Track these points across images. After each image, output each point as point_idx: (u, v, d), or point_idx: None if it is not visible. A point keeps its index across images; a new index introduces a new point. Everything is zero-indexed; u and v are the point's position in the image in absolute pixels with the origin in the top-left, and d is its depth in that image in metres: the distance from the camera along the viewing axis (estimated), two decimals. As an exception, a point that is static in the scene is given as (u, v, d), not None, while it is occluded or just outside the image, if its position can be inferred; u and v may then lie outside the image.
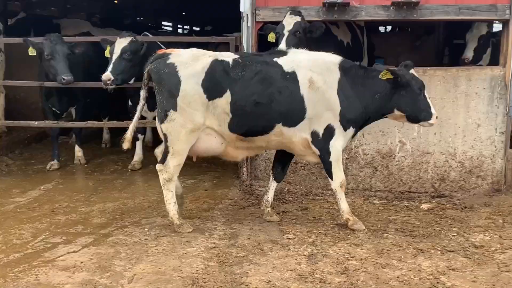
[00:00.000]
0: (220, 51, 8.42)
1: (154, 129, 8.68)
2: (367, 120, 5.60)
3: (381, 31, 14.34)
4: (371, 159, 6.92)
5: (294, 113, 5.30)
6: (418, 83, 5.46)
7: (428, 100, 5.50)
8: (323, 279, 4.37)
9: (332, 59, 5.51)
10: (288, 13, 6.48)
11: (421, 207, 6.25)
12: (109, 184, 7.28)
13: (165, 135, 5.37)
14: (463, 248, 5.01)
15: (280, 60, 5.39)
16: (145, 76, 5.50)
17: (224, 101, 5.23)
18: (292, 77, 5.30)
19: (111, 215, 5.97)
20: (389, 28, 14.58)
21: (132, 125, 5.64)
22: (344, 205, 5.55)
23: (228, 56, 5.42)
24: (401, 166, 6.88)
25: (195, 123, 5.24)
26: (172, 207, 5.44)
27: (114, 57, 7.01)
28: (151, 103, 7.79)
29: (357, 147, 6.91)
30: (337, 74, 5.40)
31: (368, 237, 5.28)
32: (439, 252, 4.91)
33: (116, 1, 14.57)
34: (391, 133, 6.85)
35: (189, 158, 5.54)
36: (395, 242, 5.16)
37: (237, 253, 4.88)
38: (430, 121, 5.51)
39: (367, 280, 4.35)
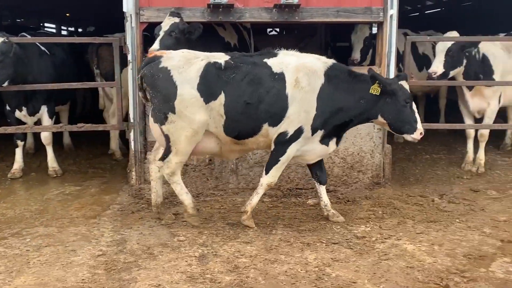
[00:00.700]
0: (102, 52, 8.23)
1: (36, 135, 8.32)
2: (349, 122, 5.63)
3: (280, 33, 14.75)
4: (260, 158, 7.04)
5: (278, 112, 5.35)
6: (405, 95, 5.49)
7: (416, 115, 5.54)
8: (213, 278, 4.38)
9: (319, 64, 5.53)
10: (168, 14, 6.45)
11: (307, 202, 6.46)
12: (-15, 194, 6.81)
13: (166, 136, 5.42)
14: (346, 239, 5.24)
15: (270, 61, 5.46)
16: (139, 80, 5.49)
17: (218, 103, 5.30)
18: (280, 77, 5.37)
19: (-12, 228, 5.59)
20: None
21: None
22: (255, 200, 5.62)
23: (220, 58, 5.44)
24: (289, 164, 7.01)
25: (195, 125, 5.31)
26: (186, 197, 5.55)
27: (-17, 58, 6.58)
28: (30, 108, 7.44)
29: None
30: (320, 80, 5.45)
31: (258, 235, 5.37)
32: (324, 244, 5.11)
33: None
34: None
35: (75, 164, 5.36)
36: (283, 237, 5.29)
37: (126, 259, 4.76)
38: (412, 135, 5.55)
39: (257, 276, 4.43)
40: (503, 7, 15.76)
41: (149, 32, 6.95)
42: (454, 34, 7.42)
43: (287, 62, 5.47)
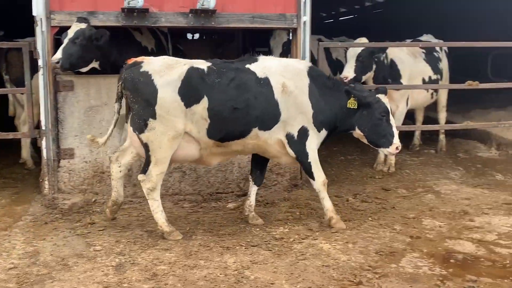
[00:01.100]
0: (11, 57, 7.87)
1: None
2: (336, 128, 5.77)
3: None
4: (180, 164, 7.00)
5: (270, 117, 5.43)
6: (381, 108, 5.60)
7: (393, 129, 5.66)
8: (131, 287, 4.32)
9: (300, 66, 5.70)
10: (75, 20, 6.31)
11: (227, 206, 6.51)
12: None
13: (145, 144, 5.30)
14: (265, 241, 5.33)
15: (252, 67, 5.51)
16: (118, 87, 5.37)
17: (202, 107, 5.28)
18: (265, 82, 5.44)
19: None
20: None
21: (106, 137, 5.57)
22: (328, 203, 5.68)
23: (202, 64, 5.44)
24: (208, 168, 7.07)
25: (176, 129, 5.26)
26: (160, 216, 5.41)
27: None
28: None
29: (164, 152, 6.93)
30: (306, 80, 5.59)
31: (177, 241, 5.34)
32: (243, 247, 5.16)
33: None
34: (196, 137, 7.00)
35: None
36: (203, 242, 5.30)
37: (39, 272, 4.60)
38: (388, 150, 5.69)
39: (175, 283, 4.41)
40: (410, 15, 16.64)
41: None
42: (363, 40, 7.74)
43: (269, 66, 5.57)
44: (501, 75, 11.78)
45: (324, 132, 5.71)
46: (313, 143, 5.62)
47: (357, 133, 5.80)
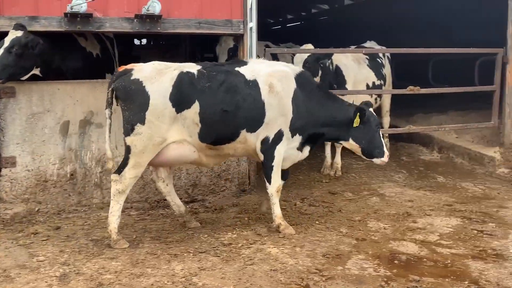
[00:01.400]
0: None
1: None
2: (321, 135, 5.90)
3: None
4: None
5: (256, 118, 5.52)
6: (376, 121, 5.86)
7: (382, 139, 5.89)
8: (75, 298, 4.23)
9: (288, 70, 5.80)
10: (12, 27, 6.15)
11: (175, 213, 6.44)
12: None
13: (128, 147, 5.32)
14: (213, 247, 5.31)
15: (242, 69, 5.61)
16: (109, 94, 5.39)
17: (193, 112, 5.35)
18: (254, 84, 5.54)
19: None
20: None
21: (108, 144, 5.50)
22: (277, 210, 5.76)
23: (192, 67, 5.50)
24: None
25: (162, 136, 5.32)
26: (114, 220, 5.33)
27: None
28: None
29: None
30: (293, 84, 5.69)
31: (124, 249, 5.26)
32: (191, 254, 5.13)
33: None
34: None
35: None
36: (150, 250, 5.24)
37: (-22, 285, 4.43)
38: (382, 159, 5.90)
39: (122, 292, 4.34)
40: (354, 22, 17.03)
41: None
42: (309, 46, 7.87)
43: (259, 69, 5.66)
44: (441, 81, 12.23)
45: (297, 138, 5.77)
46: (282, 148, 5.69)
47: (351, 144, 5.94)
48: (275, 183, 5.74)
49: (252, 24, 7.03)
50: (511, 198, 7.17)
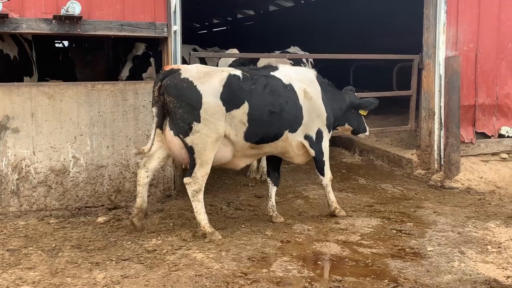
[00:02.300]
0: None
1: None
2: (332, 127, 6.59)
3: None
4: (45, 178, 6.64)
5: (296, 120, 6.00)
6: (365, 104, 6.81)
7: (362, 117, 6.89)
8: (-11, 312, 4.01)
9: (311, 74, 6.40)
10: None
11: (97, 220, 6.27)
12: None
13: (190, 147, 5.52)
14: (137, 254, 5.20)
15: (277, 74, 6.03)
16: (156, 92, 5.50)
17: (242, 112, 5.63)
18: (291, 88, 6.00)
19: None
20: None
21: (150, 142, 5.62)
22: (332, 196, 6.49)
23: (236, 71, 5.81)
24: (77, 181, 6.78)
25: (218, 132, 5.55)
26: (203, 217, 5.65)
27: None
28: None
29: (28, 166, 6.54)
30: (318, 86, 6.30)
31: (42, 259, 5.06)
32: (114, 262, 5.00)
33: None
34: (63, 149, 6.69)
35: None
36: (70, 259, 5.06)
37: None
38: (366, 133, 7.01)
39: (39, 304, 4.16)
40: (279, 28, 17.29)
41: None
42: (234, 51, 7.91)
43: (289, 74, 6.14)
44: (362, 86, 12.63)
45: (329, 133, 6.45)
46: (326, 143, 6.37)
47: (345, 127, 6.89)
48: (328, 174, 6.43)
49: (176, 27, 6.97)
50: (428, 198, 7.52)
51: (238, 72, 5.80)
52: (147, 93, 7.00)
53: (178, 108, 5.49)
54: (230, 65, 7.72)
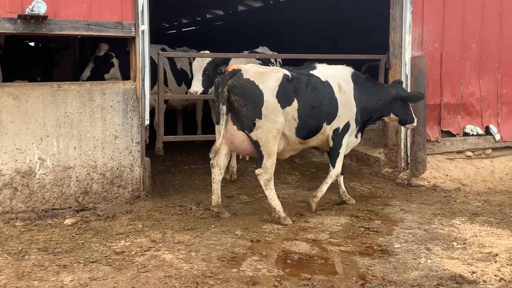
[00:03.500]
0: None
1: None
2: (370, 119, 7.15)
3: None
4: (10, 179, 6.51)
5: (332, 113, 6.54)
6: (410, 97, 7.23)
7: (411, 109, 7.26)
8: (-48, 318, 3.92)
9: (345, 71, 6.92)
10: None
11: (64, 223, 6.18)
12: None
13: (256, 142, 6.11)
14: (105, 256, 5.16)
15: (315, 72, 6.62)
16: (225, 92, 5.99)
17: (293, 108, 6.24)
18: (328, 85, 6.55)
19: None
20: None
21: (221, 138, 6.18)
22: (325, 188, 6.78)
23: (286, 71, 6.36)
24: (43, 183, 6.66)
25: (277, 127, 6.12)
26: (277, 203, 6.27)
27: None
28: None
29: (-8, 168, 6.41)
30: (351, 83, 6.80)
31: (8, 262, 4.98)
32: (81, 264, 4.95)
33: None
34: (29, 150, 6.57)
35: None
36: (37, 262, 4.98)
37: None
38: (413, 124, 7.36)
39: (5, 308, 4.08)
40: (248, 28, 17.32)
41: None
42: (206, 52, 7.92)
43: (326, 72, 6.69)
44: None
45: (356, 126, 6.87)
46: (347, 138, 6.78)
47: (391, 117, 7.26)
48: (338, 168, 6.79)
49: (144, 27, 6.91)
50: (395, 196, 7.64)
51: (288, 72, 6.36)
52: (114, 93, 6.94)
53: (243, 106, 6.03)
54: (205, 69, 7.83)
